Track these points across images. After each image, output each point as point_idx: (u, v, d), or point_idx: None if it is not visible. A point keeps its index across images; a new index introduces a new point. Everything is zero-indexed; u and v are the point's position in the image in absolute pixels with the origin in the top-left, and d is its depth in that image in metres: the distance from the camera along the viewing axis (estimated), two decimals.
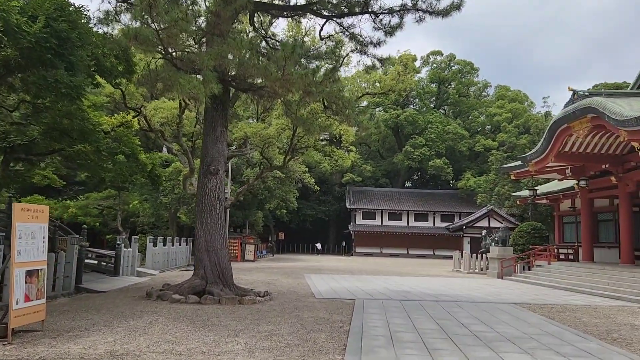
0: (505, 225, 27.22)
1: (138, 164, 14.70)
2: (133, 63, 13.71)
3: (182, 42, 10.67)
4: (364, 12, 14.41)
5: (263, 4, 14.10)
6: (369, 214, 55.73)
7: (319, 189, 48.19)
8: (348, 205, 55.41)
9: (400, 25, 14.94)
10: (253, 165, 36.74)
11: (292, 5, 14.69)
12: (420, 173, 67.68)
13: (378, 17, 14.65)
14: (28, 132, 13.87)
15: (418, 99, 65.24)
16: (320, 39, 15.70)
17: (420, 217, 55.59)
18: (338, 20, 14.80)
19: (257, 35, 13.60)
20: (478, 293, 16.13)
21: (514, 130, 52.13)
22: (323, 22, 14.97)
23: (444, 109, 67.77)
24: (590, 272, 19.24)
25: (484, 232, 31.83)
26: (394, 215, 55.56)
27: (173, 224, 34.00)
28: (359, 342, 7.85)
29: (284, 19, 17.90)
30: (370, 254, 52.35)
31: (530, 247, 25.27)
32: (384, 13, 14.55)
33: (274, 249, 51.52)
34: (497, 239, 25.36)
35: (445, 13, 14.23)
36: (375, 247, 53.63)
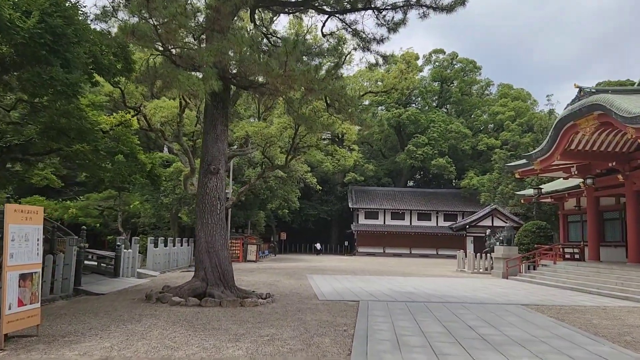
0: (510, 225, 26.88)
1: (137, 164, 14.43)
2: (132, 61, 13.43)
3: (181, 38, 10.42)
4: (367, 7, 14.15)
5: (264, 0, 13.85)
6: (372, 214, 55.43)
7: (321, 189, 47.92)
8: (350, 205, 55.12)
9: (404, 22, 14.68)
10: (255, 165, 36.48)
11: (293, 1, 14.43)
12: (423, 172, 67.37)
13: (381, 13, 14.39)
14: (25, 131, 13.62)
15: (420, 98, 64.92)
16: (323, 36, 15.45)
17: (423, 216, 55.28)
18: (340, 17, 14.54)
19: (258, 32, 13.32)
20: (484, 294, 15.85)
21: (517, 129, 51.75)
22: (325, 18, 14.73)
23: (447, 108, 67.43)
24: (598, 271, 18.93)
25: (488, 231, 31.56)
26: (397, 215, 55.26)
27: (174, 225, 33.76)
28: (364, 346, 7.58)
29: (286, 16, 17.66)
30: (373, 254, 52.07)
31: (536, 246, 24.97)
32: (387, 9, 14.29)
33: (276, 249, 51.27)
34: (501, 239, 25.04)
35: (450, 9, 13.96)
36: (378, 246, 53.36)
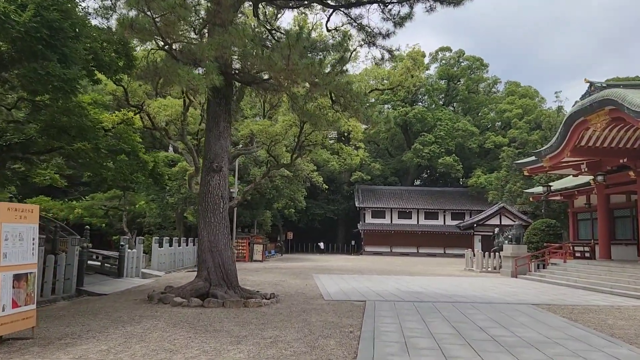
0: (519, 223, 26.46)
1: (139, 162, 14.17)
2: (133, 58, 13.21)
3: (181, 32, 10.16)
4: (372, 1, 13.84)
5: None
6: (378, 213, 55.07)
7: (328, 188, 47.59)
8: (357, 204, 54.79)
9: (410, 16, 14.36)
10: (260, 164, 36.25)
11: None
12: (430, 171, 66.91)
13: (387, 6, 14.08)
14: (25, 130, 13.41)
15: (427, 96, 64.42)
16: (327, 31, 15.15)
17: (430, 215, 54.84)
18: (345, 11, 14.23)
19: (261, 27, 13.04)
20: (493, 293, 15.49)
21: (525, 126, 51.16)
22: (330, 12, 14.43)
23: (453, 106, 66.91)
24: (609, 270, 18.52)
25: (497, 229, 31.12)
26: (404, 214, 54.86)
27: (180, 224, 33.57)
28: (371, 349, 7.28)
29: (290, 13, 17.38)
30: (380, 253, 51.72)
31: (545, 244, 24.56)
32: (393, 2, 13.97)
33: (283, 249, 51.04)
34: (510, 237, 24.64)
35: (457, 2, 13.63)
36: (385, 246, 52.99)
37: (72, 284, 13.88)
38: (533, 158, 23.23)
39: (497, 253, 27.13)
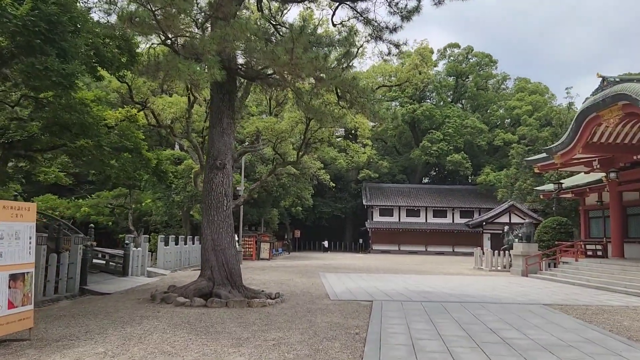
0: (530, 221, 26.04)
1: (141, 159, 13.96)
2: (136, 54, 13.00)
3: (182, 25, 9.91)
4: None
5: None
6: (386, 211, 54.72)
7: (335, 186, 47.32)
8: (365, 202, 54.46)
9: (418, 9, 14.00)
10: (267, 162, 36.02)
11: None
12: (438, 168, 66.44)
13: (394, 0, 13.74)
14: (28, 127, 13.24)
15: (435, 93, 63.89)
16: (333, 25, 14.85)
17: (439, 213, 54.40)
18: (351, 4, 13.91)
19: (265, 20, 12.76)
20: (504, 293, 15.14)
21: (535, 123, 50.50)
22: (336, 6, 14.13)
23: (462, 103, 66.33)
24: (623, 269, 18.10)
25: (506, 228, 30.69)
26: (412, 212, 54.47)
27: (186, 223, 33.43)
28: (377, 352, 7.01)
29: (296, 7, 17.09)
30: (388, 252, 51.40)
31: (556, 243, 24.13)
32: None
33: (290, 247, 50.84)
34: (520, 235, 24.24)
35: None
36: (393, 244, 52.65)
37: (75, 283, 13.71)
38: (544, 155, 22.81)
39: (506, 251, 26.73)
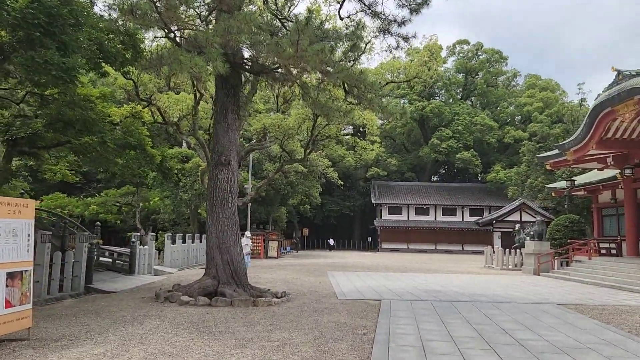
0: (541, 219, 25.58)
1: (146, 156, 13.78)
2: (140, 50, 12.80)
3: (184, 17, 9.68)
4: None
5: None
6: (395, 209, 54.34)
7: (343, 184, 47.02)
8: (373, 200, 54.11)
9: (427, 2, 13.68)
10: (274, 159, 35.80)
11: None
12: (447, 166, 65.90)
13: None
14: (32, 124, 13.09)
15: (444, 90, 63.35)
16: (340, 19, 14.55)
17: (448, 211, 53.94)
18: None
19: (270, 13, 12.49)
20: (516, 292, 14.79)
21: (546, 120, 49.85)
22: None
23: (471, 100, 65.70)
24: (639, 268, 17.65)
25: (517, 226, 30.25)
26: (421, 210, 54.05)
27: (194, 221, 33.30)
28: (386, 353, 6.73)
29: (302, 2, 16.80)
30: (397, 250, 51.05)
31: (568, 241, 23.68)
32: None
33: (298, 246, 50.62)
34: (532, 233, 23.82)
35: None
36: (402, 242, 52.27)
37: (80, 282, 13.55)
38: (556, 151, 22.37)
39: (517, 250, 26.32)
